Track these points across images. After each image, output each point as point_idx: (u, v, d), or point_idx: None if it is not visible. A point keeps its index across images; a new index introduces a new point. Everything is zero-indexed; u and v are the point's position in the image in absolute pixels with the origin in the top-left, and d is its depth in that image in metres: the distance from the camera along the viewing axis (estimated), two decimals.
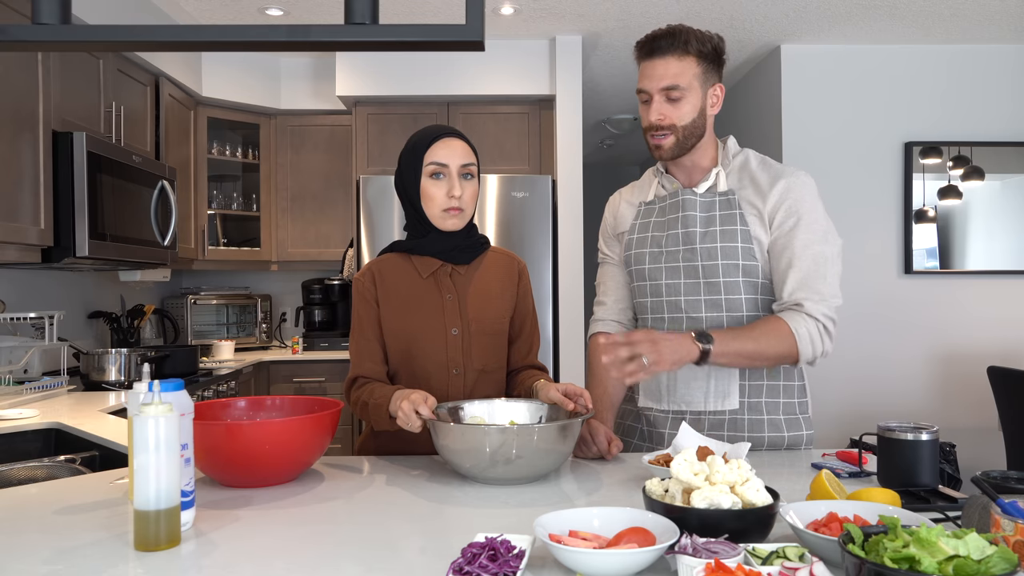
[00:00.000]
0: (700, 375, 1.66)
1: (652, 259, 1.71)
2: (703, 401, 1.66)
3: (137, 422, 1.04)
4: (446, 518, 1.19)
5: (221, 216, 4.51)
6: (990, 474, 1.11)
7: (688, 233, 1.65)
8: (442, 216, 1.61)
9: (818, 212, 1.62)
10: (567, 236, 4.21)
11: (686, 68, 1.59)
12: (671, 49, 1.58)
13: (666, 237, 1.69)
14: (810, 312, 1.56)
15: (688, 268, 1.66)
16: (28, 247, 2.62)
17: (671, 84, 1.58)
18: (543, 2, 3.76)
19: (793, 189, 1.62)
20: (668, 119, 1.61)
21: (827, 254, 1.60)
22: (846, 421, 4.27)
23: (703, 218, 1.65)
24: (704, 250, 1.64)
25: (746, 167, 1.68)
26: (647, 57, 1.61)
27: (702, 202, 1.66)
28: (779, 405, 1.66)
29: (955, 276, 4.33)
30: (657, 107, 1.60)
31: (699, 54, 1.59)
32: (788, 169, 1.66)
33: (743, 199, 1.64)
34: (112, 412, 2.49)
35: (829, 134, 4.34)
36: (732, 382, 1.65)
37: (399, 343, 1.64)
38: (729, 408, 1.65)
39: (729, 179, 1.67)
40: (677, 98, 1.59)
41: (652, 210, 1.75)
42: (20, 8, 2.55)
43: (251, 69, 4.41)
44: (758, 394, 1.66)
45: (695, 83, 1.60)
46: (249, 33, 0.72)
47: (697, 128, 1.63)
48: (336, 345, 4.42)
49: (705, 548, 0.90)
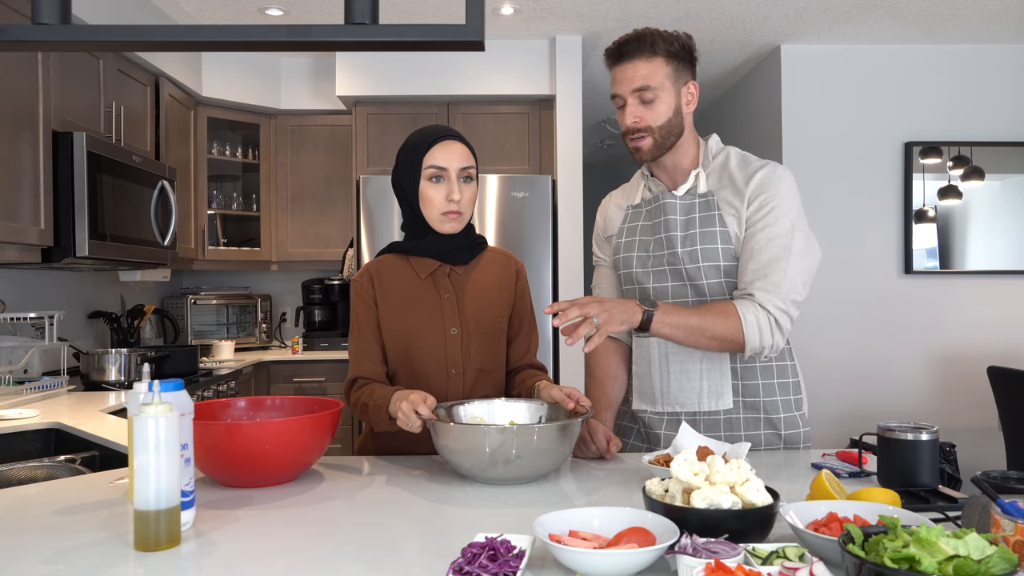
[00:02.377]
0: (693, 375, 1.66)
1: (640, 263, 1.73)
2: (696, 402, 1.66)
3: (137, 422, 1.04)
4: (446, 518, 1.19)
5: (221, 216, 4.50)
6: (990, 474, 1.11)
7: (670, 237, 1.67)
8: (440, 219, 1.61)
9: (790, 206, 1.60)
10: (567, 236, 4.21)
11: (655, 69, 1.60)
12: (638, 52, 1.60)
13: (652, 241, 1.71)
14: (761, 302, 1.56)
15: (673, 271, 1.68)
16: (28, 247, 2.62)
17: (642, 85, 1.59)
18: (543, 2, 3.76)
19: (767, 184, 1.61)
20: (643, 120, 1.62)
21: (792, 248, 1.58)
22: (846, 421, 4.27)
23: (683, 221, 1.66)
24: (686, 254, 1.65)
25: (725, 167, 1.68)
26: (616, 63, 1.63)
27: (682, 205, 1.67)
28: (776, 404, 1.66)
29: (955, 276, 4.33)
30: (632, 110, 1.62)
31: (667, 53, 1.60)
32: (765, 164, 1.65)
33: (722, 200, 1.64)
34: (112, 412, 2.49)
35: (829, 134, 4.34)
36: (725, 382, 1.65)
37: (398, 343, 1.64)
38: (723, 408, 1.65)
39: (709, 180, 1.68)
40: (650, 99, 1.60)
41: (639, 213, 1.76)
42: (20, 8, 2.55)
43: (251, 69, 4.41)
44: (753, 393, 1.66)
45: (667, 83, 1.61)
46: (249, 33, 0.72)
47: (675, 127, 1.64)
48: (336, 345, 4.42)
49: (705, 548, 0.90)
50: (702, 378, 1.66)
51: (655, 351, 1.70)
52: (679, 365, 1.67)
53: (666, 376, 1.68)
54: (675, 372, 1.67)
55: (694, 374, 1.66)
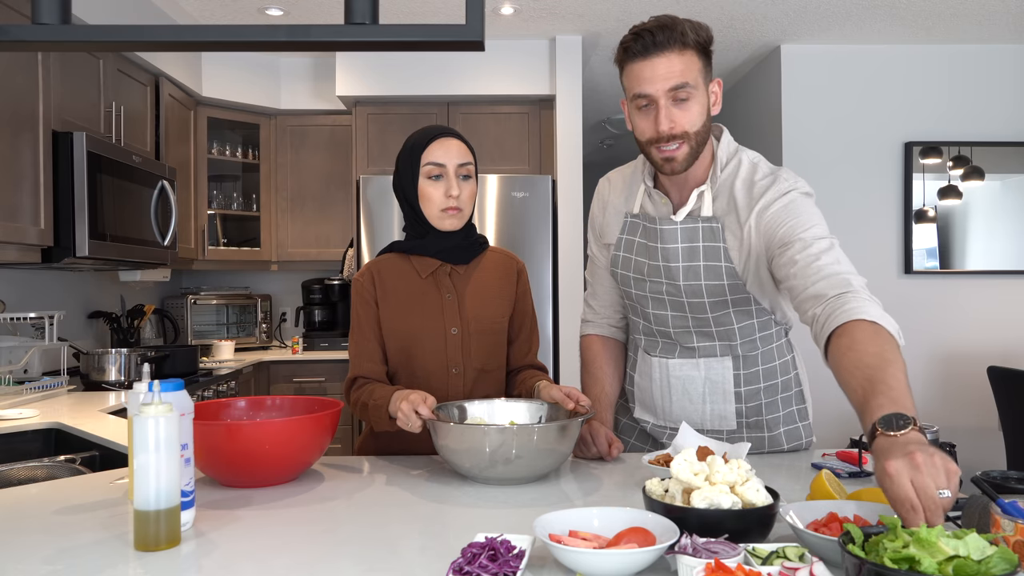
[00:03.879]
0: (696, 399, 1.63)
1: (637, 286, 1.62)
2: (700, 422, 1.64)
3: (137, 422, 1.04)
4: (446, 518, 1.19)
5: (221, 216, 4.50)
6: (990, 474, 1.11)
7: (670, 269, 1.53)
8: (440, 216, 1.61)
9: (809, 212, 1.44)
10: (567, 236, 4.21)
11: (690, 63, 1.39)
12: (670, 43, 1.38)
13: (648, 267, 1.58)
14: (856, 295, 1.28)
15: (673, 302, 1.57)
16: (28, 247, 2.62)
17: (679, 83, 1.38)
18: (543, 2, 3.76)
19: (774, 206, 1.44)
20: (680, 126, 1.40)
21: (835, 243, 1.42)
22: (846, 421, 4.25)
23: (685, 250, 1.51)
24: (688, 288, 1.53)
25: (732, 188, 1.50)
26: (643, 56, 1.39)
27: (684, 230, 1.51)
28: (778, 419, 1.63)
29: (955, 276, 4.33)
30: (667, 112, 1.39)
31: (697, 46, 1.40)
32: (770, 186, 1.47)
33: (727, 228, 1.49)
34: (112, 412, 2.49)
35: (829, 134, 4.34)
36: (728, 406, 1.61)
37: (398, 343, 1.64)
38: (727, 429, 1.63)
39: (716, 203, 1.50)
40: (685, 98, 1.39)
41: (637, 227, 1.61)
42: (20, 8, 2.55)
43: (251, 69, 4.41)
44: (756, 413, 1.63)
45: (700, 80, 1.41)
46: (249, 33, 0.72)
47: (706, 132, 1.45)
48: (336, 345, 4.42)
49: (705, 548, 0.90)
50: (705, 402, 1.63)
51: (656, 371, 1.66)
52: (681, 387, 1.63)
53: (668, 397, 1.65)
54: (677, 395, 1.64)
55: (696, 397, 1.63)
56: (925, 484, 0.90)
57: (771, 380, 1.63)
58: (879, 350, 1.16)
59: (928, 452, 0.93)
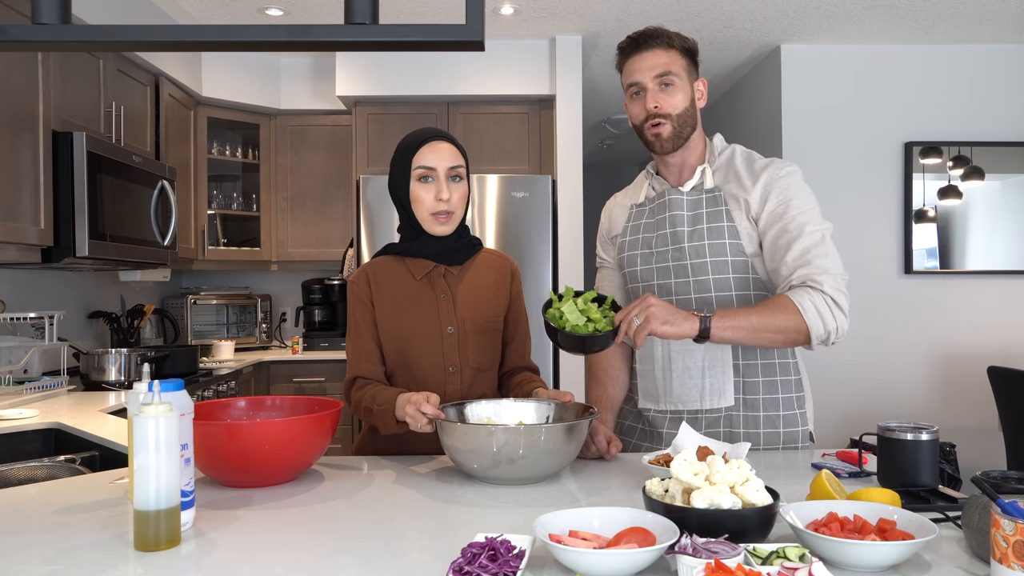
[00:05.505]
0: (695, 373, 1.67)
1: (643, 260, 1.73)
2: (699, 399, 1.67)
3: (137, 422, 1.04)
4: (446, 518, 1.19)
5: (221, 216, 4.50)
6: (990, 474, 1.11)
7: (676, 233, 1.67)
8: (431, 220, 1.63)
9: (807, 195, 1.63)
10: (567, 236, 4.21)
11: (674, 58, 1.64)
12: (658, 43, 1.64)
13: (655, 238, 1.71)
14: (814, 286, 1.52)
15: (677, 267, 1.68)
16: (28, 247, 2.62)
17: (663, 71, 1.62)
18: (543, 2, 3.76)
19: (778, 179, 1.63)
20: (664, 107, 1.63)
21: (824, 232, 1.59)
22: (846, 421, 4.27)
23: (690, 217, 1.67)
24: (692, 249, 1.65)
25: (731, 163, 1.70)
26: (634, 52, 1.65)
27: (689, 200, 1.68)
28: (776, 401, 1.66)
29: (955, 276, 4.33)
30: (652, 95, 1.63)
31: (682, 49, 1.65)
32: (771, 161, 1.68)
33: (728, 194, 1.66)
34: (112, 412, 2.49)
35: (829, 134, 4.34)
36: (727, 379, 1.66)
37: (395, 343, 1.65)
38: (725, 405, 1.66)
39: (715, 176, 1.69)
40: (670, 83, 1.63)
41: (643, 211, 1.77)
42: (20, 8, 2.55)
43: (251, 69, 4.41)
44: (754, 391, 1.66)
45: (683, 73, 1.65)
46: (249, 33, 0.72)
47: (690, 118, 1.66)
48: (336, 345, 4.42)
49: (705, 548, 0.90)
50: (704, 376, 1.66)
51: (658, 349, 1.70)
52: (681, 363, 1.68)
53: (668, 374, 1.69)
54: (677, 370, 1.68)
55: (696, 372, 1.67)
56: (644, 305, 1.44)
57: (769, 359, 1.67)
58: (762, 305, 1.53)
59: (663, 304, 1.46)
